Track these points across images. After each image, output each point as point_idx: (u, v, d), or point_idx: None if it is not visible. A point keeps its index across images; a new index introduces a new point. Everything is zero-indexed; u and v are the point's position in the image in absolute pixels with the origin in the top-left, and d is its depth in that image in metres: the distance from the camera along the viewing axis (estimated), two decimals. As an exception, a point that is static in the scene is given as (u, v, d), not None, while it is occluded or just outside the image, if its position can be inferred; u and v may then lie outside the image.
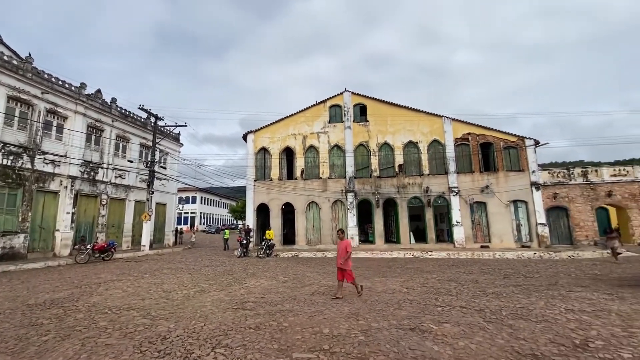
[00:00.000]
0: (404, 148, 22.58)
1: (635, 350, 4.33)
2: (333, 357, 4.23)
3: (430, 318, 5.96)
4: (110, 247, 16.37)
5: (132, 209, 21.73)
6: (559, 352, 4.32)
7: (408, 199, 21.77)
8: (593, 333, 5.02)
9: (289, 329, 5.36)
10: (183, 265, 14.20)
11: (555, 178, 21.20)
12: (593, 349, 4.41)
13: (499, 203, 20.90)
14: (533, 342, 4.69)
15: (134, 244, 21.37)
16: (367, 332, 5.17)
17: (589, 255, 16.31)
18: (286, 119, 24.02)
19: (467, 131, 22.23)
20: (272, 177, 23.17)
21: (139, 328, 5.49)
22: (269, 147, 23.66)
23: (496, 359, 4.12)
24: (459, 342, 4.73)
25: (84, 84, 18.78)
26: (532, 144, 21.43)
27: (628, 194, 20.30)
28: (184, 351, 4.47)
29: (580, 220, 20.32)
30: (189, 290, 8.67)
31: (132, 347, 4.65)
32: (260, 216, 23.42)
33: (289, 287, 9.11)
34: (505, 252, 17.62)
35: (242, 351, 4.44)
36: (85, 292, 8.53)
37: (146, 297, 7.86)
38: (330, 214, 22.27)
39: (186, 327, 5.49)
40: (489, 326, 5.45)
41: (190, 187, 41.41)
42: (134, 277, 10.89)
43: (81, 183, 18.20)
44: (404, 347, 4.55)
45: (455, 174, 21.60)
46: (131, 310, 6.68)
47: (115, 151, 20.96)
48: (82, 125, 18.43)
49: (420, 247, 20.22)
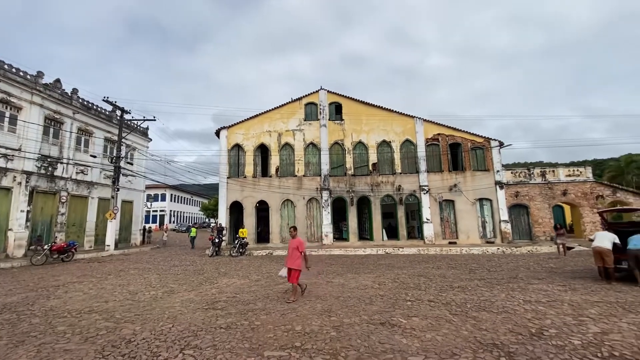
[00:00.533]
0: (378, 147, 23.01)
1: (584, 337, 4.70)
2: (305, 354, 4.26)
3: (400, 312, 6.14)
4: (71, 248, 15.42)
5: (96, 207, 20.58)
6: (517, 340, 4.61)
7: (381, 197, 22.23)
8: (547, 322, 5.40)
9: (261, 328, 5.33)
10: (151, 266, 13.66)
11: (517, 178, 22.49)
12: (547, 336, 4.74)
13: (466, 201, 21.86)
14: (494, 332, 4.97)
15: (97, 244, 20.26)
16: (339, 328, 5.25)
17: (545, 250, 17.47)
18: (261, 116, 23.69)
19: (437, 132, 23.03)
20: (246, 175, 22.80)
21: (102, 332, 5.23)
22: (243, 143, 23.24)
23: (460, 349, 4.32)
24: (426, 334, 4.92)
25: (41, 73, 17.50)
26: (496, 145, 22.58)
27: (580, 193, 21.93)
28: (150, 354, 4.31)
29: (539, 217, 21.71)
30: (156, 291, 8.37)
31: (93, 351, 4.42)
32: (233, 214, 22.98)
33: (262, 285, 9.04)
34: (471, 247, 18.49)
35: (212, 352, 4.36)
36: (42, 295, 7.99)
37: (110, 300, 7.49)
38: (305, 212, 22.28)
39: (153, 329, 5.30)
40: (455, 318, 5.71)
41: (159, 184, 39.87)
42: (97, 279, 10.34)
43: (38, 179, 16.98)
44: (374, 341, 4.67)
45: (426, 173, 22.32)
46: (93, 313, 6.35)
47: (77, 145, 19.73)
48: (39, 116, 17.17)
49: (393, 243, 20.75)
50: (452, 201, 22.02)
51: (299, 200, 22.27)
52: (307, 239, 21.79)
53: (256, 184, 22.50)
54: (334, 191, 22.38)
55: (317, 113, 23.54)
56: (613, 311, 5.96)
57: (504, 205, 21.67)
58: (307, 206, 22.34)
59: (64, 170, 18.51)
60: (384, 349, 4.39)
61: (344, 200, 22.42)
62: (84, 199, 19.91)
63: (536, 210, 21.84)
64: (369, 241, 21.86)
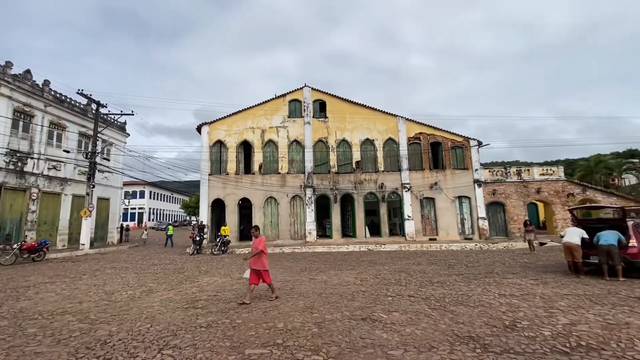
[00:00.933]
0: (362, 145, 23.19)
1: (554, 328, 4.94)
2: (286, 350, 4.26)
3: (381, 308, 6.24)
4: (42, 247, 14.74)
5: (69, 204, 19.75)
6: (492, 332, 4.79)
7: (364, 194, 22.45)
8: (520, 314, 5.63)
9: (242, 326, 5.29)
10: (129, 265, 13.28)
11: (495, 176, 23.24)
12: (520, 328, 4.95)
13: (445, 199, 22.41)
14: (470, 325, 5.14)
15: (71, 243, 19.47)
16: (321, 325, 5.28)
17: (520, 246, 18.18)
18: (244, 112, 23.37)
19: (419, 131, 23.45)
20: (229, 172, 22.46)
21: (75, 333, 5.04)
22: (225, 140, 22.87)
23: (438, 342, 4.45)
24: (406, 328, 5.03)
25: (10, 63, 16.59)
26: (475, 144, 23.23)
27: (553, 191, 22.92)
28: (127, 355, 4.20)
29: (514, 214, 22.53)
30: (134, 291, 8.14)
31: (66, 354, 4.26)
32: (215, 212, 22.62)
33: (244, 283, 8.94)
34: (451, 244, 19.01)
35: (191, 351, 4.29)
36: (11, 296, 7.62)
37: (84, 300, 7.23)
38: (289, 209, 22.21)
39: (130, 330, 5.16)
40: (434, 313, 5.86)
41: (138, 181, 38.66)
42: (71, 279, 9.95)
43: (6, 175, 16.11)
44: (356, 336, 4.73)
45: (408, 171, 22.70)
46: (66, 314, 6.11)
47: (49, 140, 18.83)
48: (7, 109, 16.28)
49: (375, 240, 21.03)
50: (432, 199, 22.51)
51: (283, 197, 22.17)
52: (290, 237, 21.77)
53: (239, 181, 22.22)
54: (317, 189, 22.41)
55: (301, 110, 23.45)
56: (581, 303, 6.29)
57: (481, 203, 22.35)
58: (290, 204, 22.28)
59: (35, 165, 17.64)
60: (364, 343, 4.45)
61: (328, 198, 22.50)
62: (56, 195, 19.06)
63: (512, 207, 22.65)
64: (352, 238, 22.05)
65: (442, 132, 23.45)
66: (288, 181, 22.42)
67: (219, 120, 23.08)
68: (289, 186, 22.33)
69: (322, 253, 17.16)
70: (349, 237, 22.41)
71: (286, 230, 21.92)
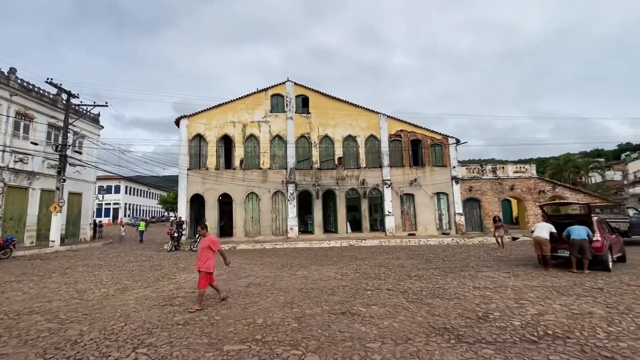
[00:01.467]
0: (344, 141, 23.29)
1: (523, 318, 5.18)
2: (265, 346, 4.25)
3: (360, 301, 6.34)
4: (8, 244, 13.97)
5: (38, 199, 18.78)
6: (466, 324, 4.97)
7: (346, 190, 22.61)
8: (493, 306, 5.87)
9: (221, 322, 5.23)
10: (102, 262, 12.81)
11: (471, 173, 23.97)
12: (492, 319, 5.16)
13: (424, 195, 22.93)
14: (446, 317, 5.31)
15: (40, 240, 18.54)
16: (301, 319, 5.30)
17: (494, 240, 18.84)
18: (225, 105, 22.91)
19: (400, 128, 23.80)
20: (208, 166, 22.01)
21: (44, 334, 4.83)
22: (205, 134, 22.36)
23: (415, 334, 4.57)
24: (384, 321, 5.13)
25: (-31, 48, 15.47)
26: (453, 142, 23.84)
27: (526, 188, 23.91)
28: (99, 354, 4.06)
29: (490, 210, 23.35)
30: (108, 289, 7.87)
31: (33, 355, 4.08)
32: (194, 207, 22.16)
33: (224, 280, 8.84)
34: (429, 239, 19.50)
35: (167, 349, 4.21)
36: (-28, 297, 7.19)
37: (54, 299, 6.93)
38: (271, 205, 22.05)
39: (103, 329, 4.99)
40: (411, 306, 6.00)
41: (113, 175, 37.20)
42: (39, 277, 9.50)
43: (-34, 168, 15.11)
44: (335, 330, 4.78)
45: (389, 167, 23.03)
46: (33, 314, 5.84)
47: (15, 131, 17.79)
48: (-33, 97, 15.22)
49: (356, 236, 21.27)
50: (412, 195, 22.97)
51: (264, 193, 21.98)
52: (272, 233, 21.65)
53: (219, 176, 21.83)
54: (299, 184, 22.36)
55: (283, 105, 23.25)
56: (549, 294, 6.62)
57: (458, 199, 23.01)
58: (272, 199, 22.13)
59: (0, 158, 16.63)
60: (343, 337, 4.51)
61: (310, 194, 22.50)
62: (23, 190, 18.06)
63: (487, 203, 23.46)
64: (333, 234, 22.20)
65: (422, 130, 23.90)
66: (270, 177, 22.24)
67: (198, 114, 22.53)
68: (270, 182, 22.16)
69: (303, 249, 17.18)
70: (330, 233, 22.55)
71: (268, 226, 21.78)
